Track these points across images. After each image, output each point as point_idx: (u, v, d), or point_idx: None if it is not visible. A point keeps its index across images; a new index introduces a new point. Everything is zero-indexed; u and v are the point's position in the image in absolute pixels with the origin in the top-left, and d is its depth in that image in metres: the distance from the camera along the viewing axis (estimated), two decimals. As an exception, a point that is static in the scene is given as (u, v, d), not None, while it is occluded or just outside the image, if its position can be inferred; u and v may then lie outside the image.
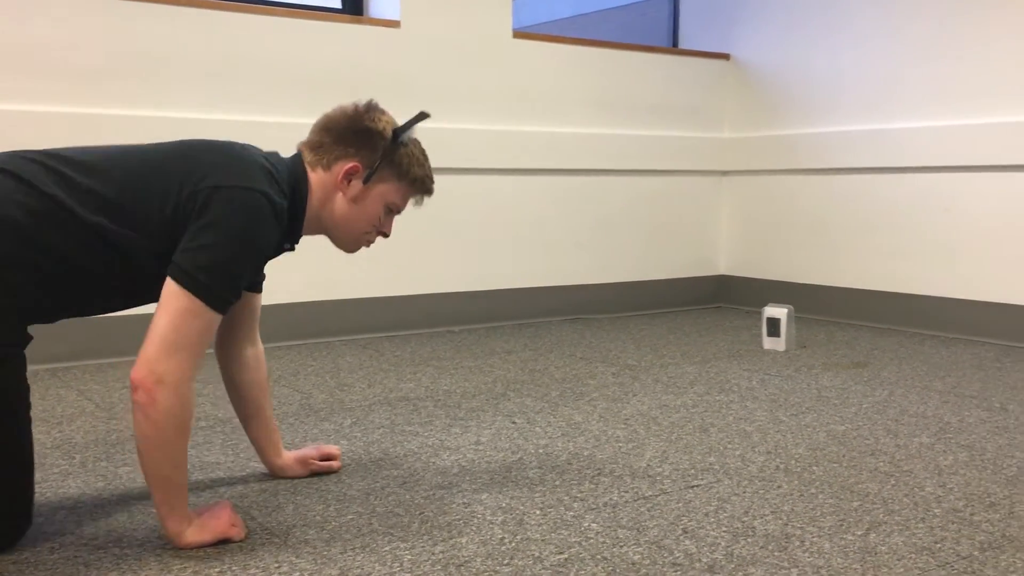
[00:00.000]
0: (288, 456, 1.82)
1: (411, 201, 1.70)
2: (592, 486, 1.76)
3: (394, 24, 3.51)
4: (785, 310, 3.20)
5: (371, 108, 1.65)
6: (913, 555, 1.43)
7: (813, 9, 4.01)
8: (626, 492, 1.73)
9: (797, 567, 1.39)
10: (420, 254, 3.62)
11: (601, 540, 1.49)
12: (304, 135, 1.68)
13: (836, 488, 1.75)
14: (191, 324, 1.40)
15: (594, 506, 1.65)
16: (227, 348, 1.73)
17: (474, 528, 1.54)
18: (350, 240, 1.68)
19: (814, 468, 1.87)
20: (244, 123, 3.21)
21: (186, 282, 1.41)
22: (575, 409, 2.37)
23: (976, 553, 1.44)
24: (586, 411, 2.35)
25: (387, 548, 1.46)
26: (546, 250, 3.94)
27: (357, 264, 3.48)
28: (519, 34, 3.82)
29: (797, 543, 1.48)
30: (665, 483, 1.78)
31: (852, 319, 3.86)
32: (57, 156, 1.48)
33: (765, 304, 3.34)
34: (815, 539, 1.50)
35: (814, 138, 4.00)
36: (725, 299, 4.43)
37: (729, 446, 2.03)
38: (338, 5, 3.75)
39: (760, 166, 4.25)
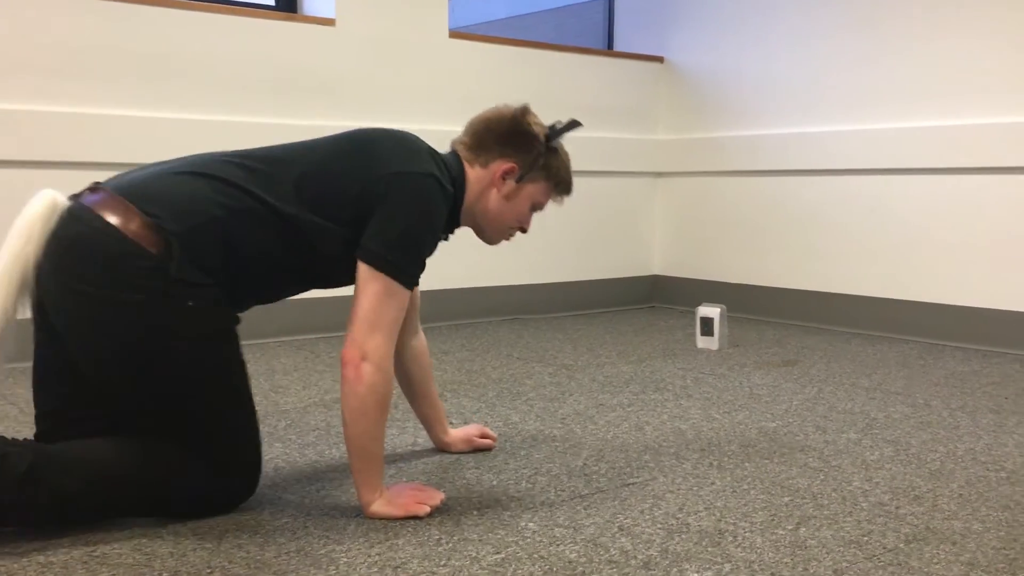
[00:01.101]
0: (454, 433, 1.98)
1: (553, 199, 1.83)
2: (529, 486, 1.76)
3: (329, 22, 3.48)
4: (718, 310, 3.25)
5: (527, 112, 1.76)
6: (841, 548, 1.46)
7: (745, 13, 4.08)
8: (563, 491, 1.73)
9: (730, 562, 1.41)
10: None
11: (538, 539, 1.50)
12: (235, 133, 1.67)
13: (767, 484, 1.78)
14: (388, 304, 1.54)
15: (531, 506, 1.65)
16: (400, 336, 1.82)
17: (411, 529, 1.53)
18: (497, 234, 1.82)
19: (746, 464, 1.91)
20: (174, 121, 3.14)
21: (379, 264, 1.54)
22: (512, 409, 2.38)
23: (901, 545, 1.48)
24: (523, 411, 2.36)
25: (323, 551, 1.44)
26: (482, 251, 3.91)
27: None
28: (455, 34, 3.82)
29: (730, 538, 1.50)
30: (601, 481, 1.79)
31: (783, 318, 3.94)
32: (250, 156, 1.61)
33: (698, 304, 3.39)
34: (747, 534, 1.52)
35: (746, 140, 4.07)
36: (659, 299, 4.48)
37: (664, 444, 2.05)
38: (271, 2, 3.70)
39: (694, 168, 4.32)
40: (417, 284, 1.60)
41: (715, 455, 1.97)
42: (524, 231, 1.84)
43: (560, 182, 1.81)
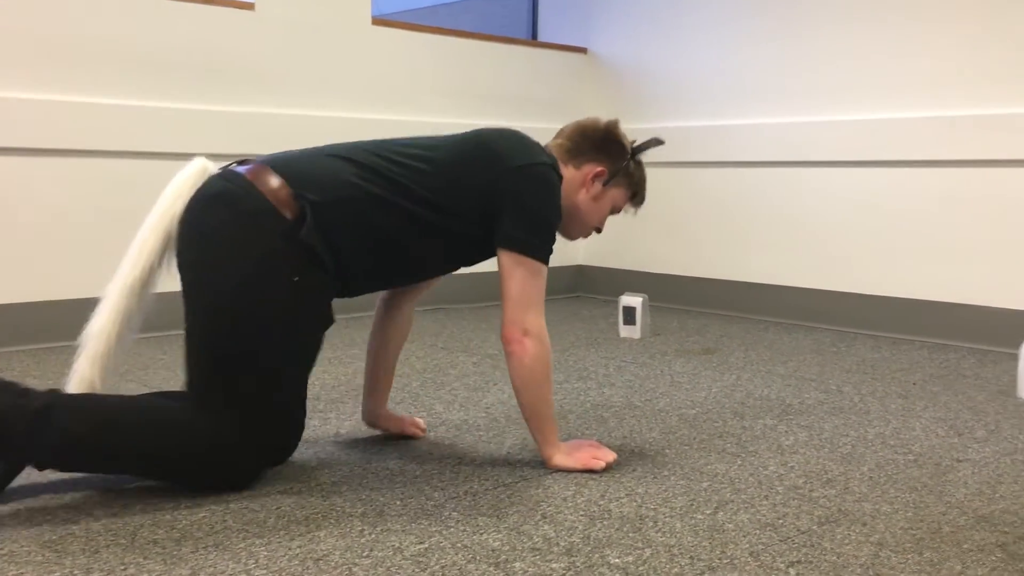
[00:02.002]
0: (388, 412, 2.04)
1: (627, 207, 1.97)
2: (453, 475, 1.76)
3: (248, 7, 3.41)
4: (640, 299, 3.29)
5: (618, 124, 1.93)
6: (757, 531, 1.50)
7: (668, 5, 4.13)
8: (486, 480, 1.74)
9: (650, 547, 1.43)
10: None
11: (461, 528, 1.50)
12: (150, 118, 1.64)
13: (687, 470, 1.81)
14: (534, 282, 1.72)
15: (454, 495, 1.65)
16: (391, 303, 1.98)
17: (333, 521, 1.52)
18: (579, 231, 1.94)
19: (667, 451, 1.94)
20: (86, 105, 3.04)
21: (523, 248, 1.70)
22: (436, 399, 2.37)
23: (815, 527, 1.52)
24: (447, 401, 2.35)
25: (241, 545, 1.42)
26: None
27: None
28: (378, 21, 3.78)
29: (650, 524, 1.53)
30: (525, 470, 1.80)
31: (703, 307, 4.02)
32: (385, 146, 1.73)
33: (621, 293, 3.43)
34: (667, 519, 1.55)
35: (668, 132, 4.09)
36: (583, 289, 4.52)
37: (587, 432, 2.07)
38: (188, -16, 3.61)
39: (616, 159, 4.35)
40: (548, 259, 1.75)
41: (636, 442, 2.00)
42: (599, 231, 1.97)
43: (638, 192, 1.96)
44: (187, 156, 1.79)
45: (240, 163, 1.70)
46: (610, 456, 1.81)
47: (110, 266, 1.69)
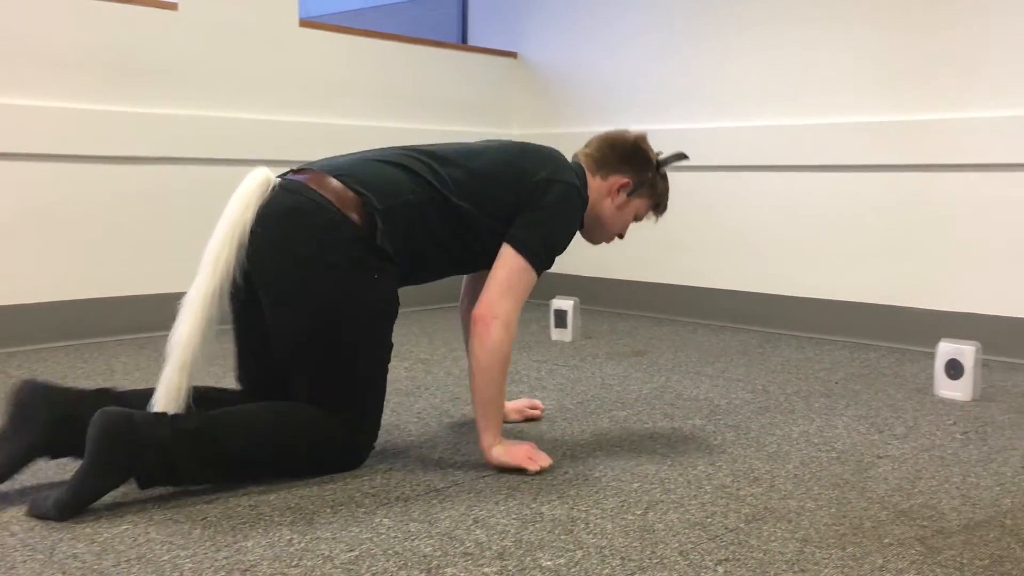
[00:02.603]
0: (508, 404, 2.19)
1: (649, 216, 2.08)
2: (384, 481, 1.75)
3: (171, 6, 3.33)
4: (571, 302, 3.31)
5: (646, 139, 2.03)
6: (687, 530, 1.52)
7: (597, 11, 4.17)
8: (418, 485, 1.73)
9: (582, 548, 1.44)
10: (201, 249, 3.45)
11: (393, 535, 1.48)
12: (67, 120, 1.58)
13: (618, 471, 1.83)
14: (521, 278, 1.81)
15: (386, 501, 1.64)
16: (471, 308, 1.98)
17: (261, 530, 1.49)
18: (603, 237, 2.06)
19: (597, 453, 1.95)
20: (1, 106, 2.94)
21: (523, 251, 1.81)
22: (367, 404, 2.34)
23: (742, 525, 1.55)
24: (378, 406, 2.33)
25: (166, 557, 1.38)
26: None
27: (143, 257, 3.29)
28: (305, 23, 3.73)
29: (582, 525, 1.53)
30: (457, 475, 1.79)
31: (633, 310, 4.06)
32: (430, 153, 1.86)
33: (552, 297, 3.44)
34: (598, 520, 1.56)
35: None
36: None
37: (519, 435, 2.07)
38: (108, -17, 3.51)
39: (547, 163, 4.38)
40: (544, 271, 1.86)
41: (568, 445, 2.01)
42: (621, 237, 2.08)
43: (660, 203, 2.06)
44: (104, 159, 1.75)
45: (297, 172, 1.81)
46: (545, 461, 1.83)
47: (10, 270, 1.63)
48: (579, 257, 4.26)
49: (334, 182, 1.75)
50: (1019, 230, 3.03)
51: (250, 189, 1.74)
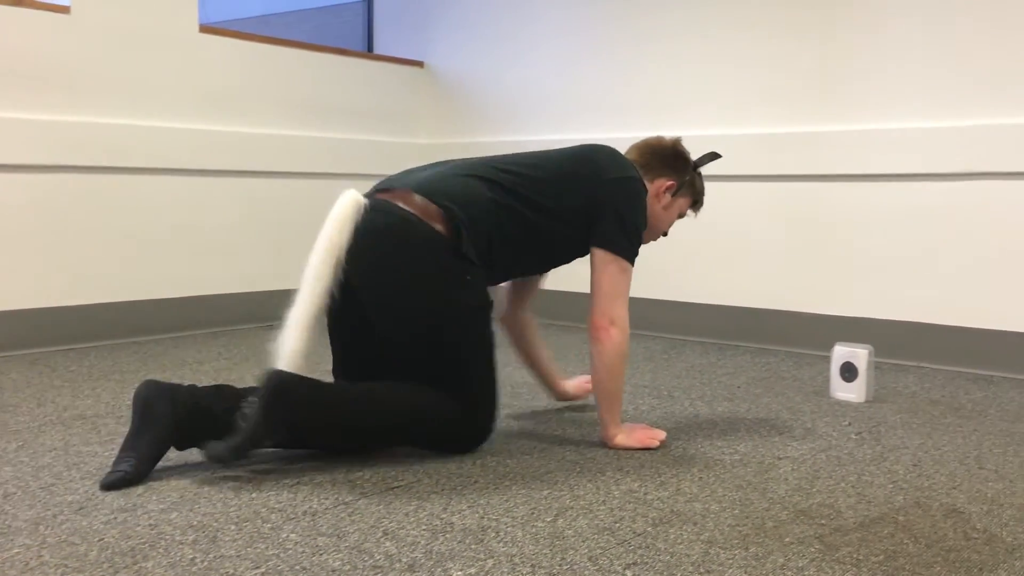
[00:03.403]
0: (569, 383, 2.44)
1: (689, 212, 2.26)
2: (291, 495, 1.72)
3: (63, 10, 3.21)
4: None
5: (680, 142, 2.22)
6: (596, 536, 1.54)
7: (504, 22, 4.20)
8: (326, 499, 1.70)
9: (492, 557, 1.44)
10: (98, 259, 3.34)
11: (300, 550, 1.46)
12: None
13: (528, 479, 1.84)
14: (623, 279, 2.03)
15: (293, 516, 1.61)
16: (516, 313, 2.35)
17: (161, 550, 1.44)
18: (652, 235, 2.20)
19: (508, 462, 1.95)
20: None
21: (615, 249, 2.01)
22: (272, 418, 2.30)
23: (649, 529, 1.57)
24: (284, 419, 2.29)
25: (60, 582, 1.33)
26: (237, 255, 3.80)
27: (24, 270, 3.16)
28: (206, 28, 3.65)
29: (492, 534, 1.53)
30: (366, 487, 1.77)
31: (542, 318, 4.07)
32: (503, 162, 2.04)
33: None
34: (509, 529, 1.56)
35: (506, 146, 4.18)
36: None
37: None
38: (-5, -17, 3.37)
39: (454, 172, 4.38)
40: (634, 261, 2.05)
41: (478, 454, 2.01)
42: (666, 235, 2.27)
43: (698, 199, 2.25)
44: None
45: (381, 191, 1.98)
46: (662, 435, 2.09)
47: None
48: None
49: (418, 198, 1.91)
50: (908, 238, 3.16)
51: (343, 212, 1.91)
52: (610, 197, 2.02)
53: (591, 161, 2.07)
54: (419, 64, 4.47)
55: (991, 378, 2.93)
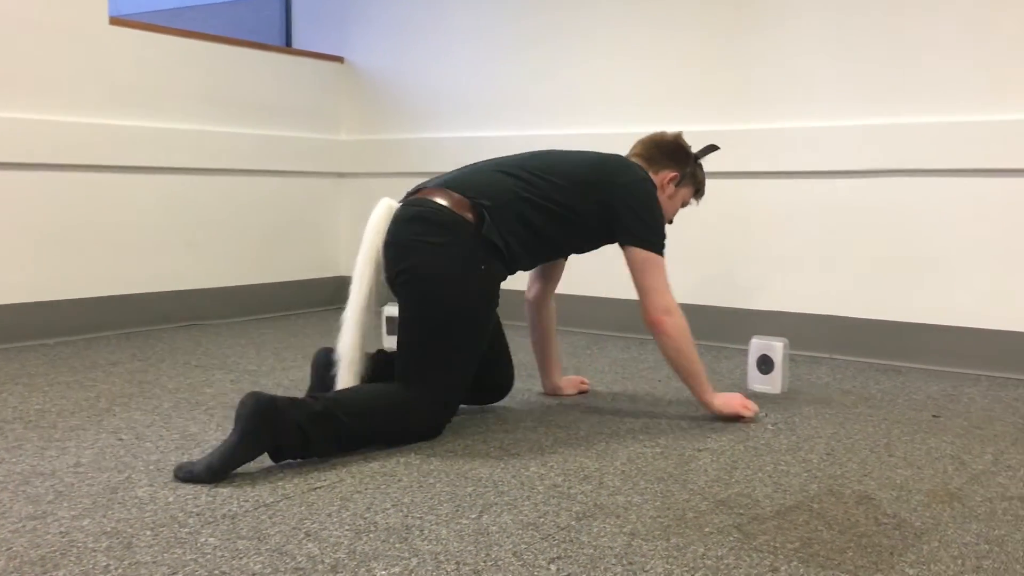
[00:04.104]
0: (564, 379, 2.59)
1: (692, 201, 2.44)
2: (209, 499, 1.68)
3: (-37, -2, 3.08)
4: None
5: (681, 136, 2.39)
6: (520, 531, 1.54)
7: (422, 19, 4.18)
8: (246, 501, 1.67)
9: (417, 556, 1.43)
10: (2, 259, 3.21)
11: (219, 554, 1.43)
12: None
13: (452, 476, 1.83)
14: (660, 272, 2.21)
15: (211, 519, 1.57)
16: (540, 299, 2.53)
17: (73, 559, 1.40)
18: None
19: (432, 459, 1.95)
20: None
21: (647, 246, 2.20)
22: (191, 420, 2.25)
23: (573, 523, 1.59)
24: (203, 421, 2.24)
25: (-35, 594, 1.27)
26: (154, 253, 3.70)
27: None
28: (116, 21, 3.55)
29: (416, 532, 1.53)
30: (287, 488, 1.75)
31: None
32: (526, 160, 2.24)
33: (385, 303, 3.41)
34: (433, 527, 1.56)
35: (427, 143, 4.17)
36: (346, 300, 4.45)
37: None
38: None
39: (377, 169, 4.35)
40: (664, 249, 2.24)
41: (402, 451, 2.00)
42: (671, 223, 2.39)
43: (700, 188, 2.42)
44: None
45: (414, 191, 2.19)
46: (756, 407, 2.29)
47: None
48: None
49: (447, 191, 2.12)
50: (820, 234, 3.25)
51: (379, 218, 2.13)
52: (626, 200, 2.20)
53: (601, 168, 2.24)
54: (339, 59, 4.42)
55: (899, 368, 3.04)
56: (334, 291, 4.45)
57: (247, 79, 4.02)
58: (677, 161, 2.35)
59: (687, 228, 3.51)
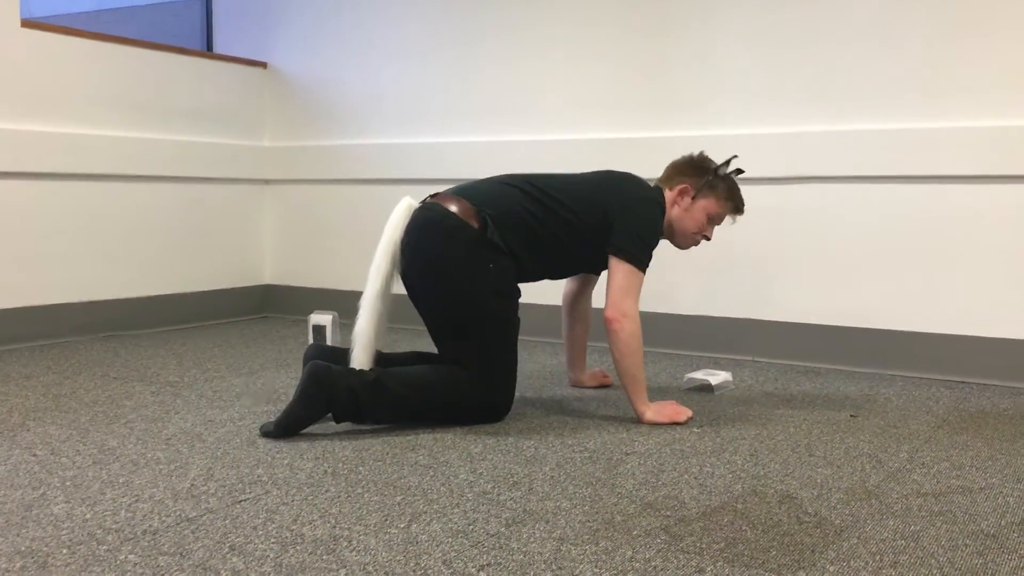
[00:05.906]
0: (586, 374, 2.79)
1: (728, 218, 2.51)
2: (129, 515, 1.63)
3: None
4: (330, 316, 3.26)
5: (703, 153, 2.49)
6: (450, 539, 1.54)
7: (347, 25, 4.14)
8: (168, 516, 1.63)
9: (345, 567, 1.41)
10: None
11: (140, 571, 1.39)
12: None
13: (381, 485, 1.82)
14: (633, 279, 2.30)
15: (131, 535, 1.53)
16: (575, 299, 2.72)
17: (-15, 581, 1.35)
18: (683, 239, 2.49)
19: (360, 469, 1.93)
20: None
21: (628, 258, 2.31)
22: (109, 433, 2.19)
23: (503, 529, 1.59)
24: (122, 435, 2.18)
25: None
26: (69, 262, 3.59)
27: None
28: (28, 23, 3.43)
29: (345, 544, 1.51)
30: (211, 501, 1.71)
31: (393, 323, 4.04)
32: (535, 178, 2.41)
33: (311, 312, 3.37)
34: (362, 537, 1.54)
35: (353, 149, 4.13)
36: (271, 308, 4.40)
37: (278, 456, 2.01)
38: None
39: (303, 175, 4.29)
40: (646, 267, 2.35)
41: (330, 462, 1.97)
42: (708, 239, 2.50)
43: (729, 201, 2.46)
44: None
45: (432, 197, 2.38)
46: (689, 412, 2.35)
47: None
48: (338, 271, 4.22)
49: (457, 198, 2.31)
50: (738, 239, 3.32)
51: (398, 215, 2.33)
52: (623, 214, 2.33)
53: (610, 187, 2.39)
54: (262, 64, 4.36)
55: (819, 370, 3.12)
56: (259, 300, 4.38)
57: (166, 84, 3.93)
58: (690, 174, 2.44)
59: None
